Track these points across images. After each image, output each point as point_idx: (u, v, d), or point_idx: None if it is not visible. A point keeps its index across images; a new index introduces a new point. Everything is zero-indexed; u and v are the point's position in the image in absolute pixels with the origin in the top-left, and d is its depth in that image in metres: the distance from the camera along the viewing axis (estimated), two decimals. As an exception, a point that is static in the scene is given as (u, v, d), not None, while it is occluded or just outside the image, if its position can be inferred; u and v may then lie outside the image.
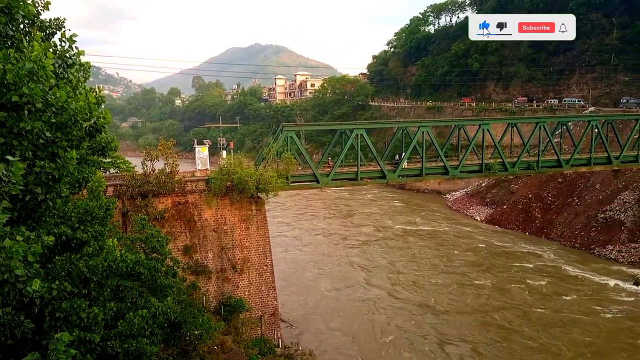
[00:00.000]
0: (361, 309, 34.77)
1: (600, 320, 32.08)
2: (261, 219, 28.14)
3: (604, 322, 31.80)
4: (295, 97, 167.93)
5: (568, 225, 52.08)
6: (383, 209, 69.81)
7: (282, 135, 29.15)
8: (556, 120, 40.78)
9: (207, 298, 26.12)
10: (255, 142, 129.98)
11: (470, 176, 38.98)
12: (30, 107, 6.01)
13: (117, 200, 23.72)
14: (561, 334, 30.23)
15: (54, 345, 5.44)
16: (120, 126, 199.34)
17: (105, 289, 10.21)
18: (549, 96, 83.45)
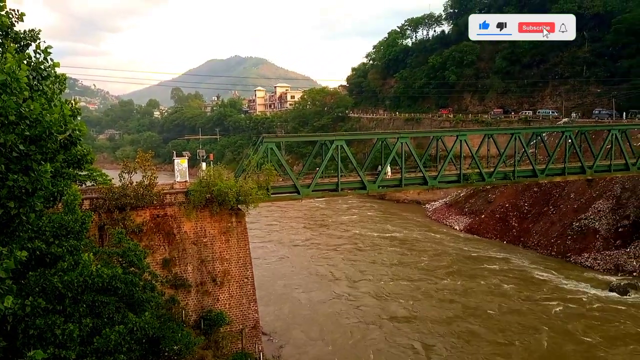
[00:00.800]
0: (339, 318, 35.01)
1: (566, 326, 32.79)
2: (241, 231, 27.94)
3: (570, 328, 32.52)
4: (275, 109, 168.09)
5: (544, 234, 53.03)
6: (362, 219, 70.11)
7: (263, 147, 29.11)
8: (531, 131, 41.72)
9: (187, 312, 25.71)
10: (235, 153, 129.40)
11: (449, 186, 39.47)
12: (3, 119, 5.90)
13: (94, 213, 23.27)
14: (527, 339, 30.83)
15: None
16: (97, 138, 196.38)
17: (80, 304, 9.98)
18: (524, 108, 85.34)
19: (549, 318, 34.20)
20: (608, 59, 75.95)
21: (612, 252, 46.02)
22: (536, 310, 35.65)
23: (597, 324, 33.14)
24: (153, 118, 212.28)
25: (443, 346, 30.42)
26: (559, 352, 29.45)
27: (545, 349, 29.78)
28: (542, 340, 30.87)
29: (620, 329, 32.39)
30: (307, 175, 35.31)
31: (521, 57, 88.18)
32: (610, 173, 40.54)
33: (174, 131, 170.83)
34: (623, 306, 35.87)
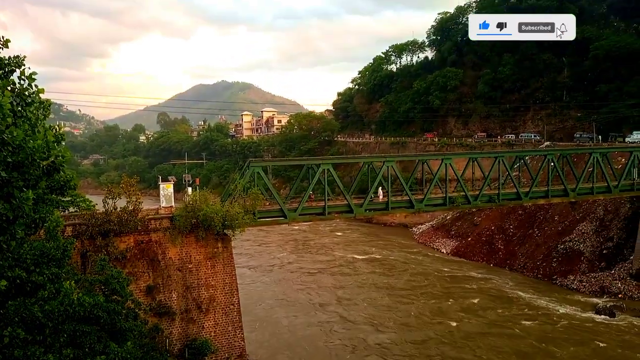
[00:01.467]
0: (324, 343, 34.69)
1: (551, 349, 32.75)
2: (228, 257, 27.64)
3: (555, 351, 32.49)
4: (262, 133, 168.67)
5: (530, 256, 53.33)
6: (348, 243, 69.85)
7: (249, 171, 29.09)
8: (514, 154, 42.39)
9: (171, 341, 25.15)
10: (222, 178, 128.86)
11: (435, 209, 39.70)
12: (-15, 146, 5.83)
13: (76, 240, 22.86)
14: None
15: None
16: (82, 163, 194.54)
17: (61, 334, 9.71)
18: (507, 131, 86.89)
19: (534, 341, 34.12)
20: (587, 84, 78.05)
21: (597, 274, 46.36)
22: (521, 333, 35.60)
23: (583, 347, 33.11)
24: (139, 143, 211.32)
25: None
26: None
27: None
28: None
29: (606, 350, 32.40)
30: (294, 199, 35.27)
31: (502, 82, 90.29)
32: (592, 195, 41.18)
33: (159, 156, 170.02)
34: (609, 328, 35.99)
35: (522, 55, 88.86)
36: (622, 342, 33.57)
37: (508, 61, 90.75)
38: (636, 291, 42.75)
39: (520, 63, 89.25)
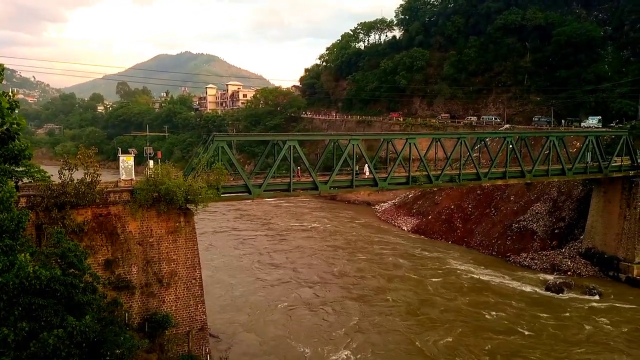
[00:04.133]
0: (284, 317, 35.64)
1: (499, 322, 34.51)
2: (190, 231, 27.32)
3: (501, 324, 34.31)
4: (227, 107, 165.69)
5: (486, 235, 55.32)
6: (312, 220, 70.36)
7: (213, 145, 28.60)
8: (475, 136, 43.39)
9: (130, 315, 24.84)
10: (185, 152, 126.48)
11: (398, 188, 40.38)
12: None
13: (31, 212, 22.03)
14: (454, 333, 32.15)
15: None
16: (36, 133, 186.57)
17: (16, 307, 9.44)
18: (469, 113, 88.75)
19: (482, 315, 35.69)
20: (548, 69, 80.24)
21: (548, 252, 48.67)
22: (470, 307, 37.17)
23: (530, 320, 34.89)
24: (97, 113, 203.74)
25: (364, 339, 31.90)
26: (486, 346, 30.75)
27: (472, 343, 31.06)
28: (467, 334, 32.29)
29: (550, 324, 34.26)
30: (259, 175, 35.04)
31: (467, 65, 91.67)
32: (548, 177, 42.82)
33: (119, 127, 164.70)
34: (557, 303, 38.03)
35: (487, 38, 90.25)
36: (564, 317, 35.50)
37: (474, 44, 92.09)
38: (584, 269, 45.22)
39: (485, 46, 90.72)
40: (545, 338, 32.12)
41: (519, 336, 32.41)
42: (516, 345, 31.12)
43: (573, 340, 32.01)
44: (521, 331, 33.10)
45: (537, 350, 30.44)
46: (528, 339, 31.92)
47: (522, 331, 33.09)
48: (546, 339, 31.94)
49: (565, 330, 33.28)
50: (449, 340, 31.64)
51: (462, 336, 32.37)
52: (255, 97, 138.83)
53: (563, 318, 35.41)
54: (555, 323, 34.46)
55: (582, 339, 32.26)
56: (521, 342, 31.46)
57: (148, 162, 29.93)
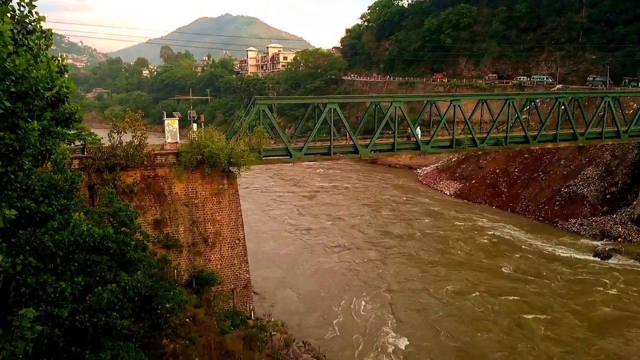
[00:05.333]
0: (327, 278, 36.51)
1: (547, 287, 33.81)
2: (233, 193, 27.95)
3: (548, 289, 33.64)
4: (267, 70, 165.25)
5: (533, 199, 53.72)
6: (352, 184, 70.41)
7: (254, 109, 28.74)
8: (525, 97, 41.52)
9: (179, 271, 26.00)
10: (227, 115, 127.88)
11: (441, 151, 39.53)
12: (-13, 74, 5.70)
13: (83, 173, 23.07)
14: (498, 298, 31.71)
15: (17, 321, 5.30)
16: (85, 97, 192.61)
17: (72, 263, 10.00)
18: (519, 73, 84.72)
19: (529, 279, 35.13)
20: (605, 25, 75.03)
21: (598, 218, 46.86)
22: (517, 271, 36.67)
23: (578, 286, 34.08)
24: (142, 77, 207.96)
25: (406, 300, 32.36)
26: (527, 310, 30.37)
27: (513, 307, 30.73)
28: (510, 296, 31.88)
29: (598, 290, 33.38)
30: (300, 138, 35.08)
31: (518, 21, 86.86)
32: (601, 140, 40.73)
33: (163, 91, 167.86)
34: (603, 270, 36.88)
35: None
36: (611, 284, 34.43)
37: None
38: (636, 235, 43.36)
39: (537, 1, 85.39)
40: (590, 304, 31.42)
41: (561, 299, 31.83)
42: (557, 308, 30.61)
43: (618, 305, 31.20)
44: (564, 296, 32.46)
45: (583, 315, 29.86)
46: (571, 304, 31.30)
47: (564, 296, 32.45)
48: (590, 305, 31.26)
49: (612, 297, 32.39)
50: (485, 303, 31.49)
51: (490, 294, 32.34)
52: (296, 60, 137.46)
53: (610, 285, 34.39)
54: (602, 290, 33.57)
55: (629, 305, 31.34)
56: (563, 308, 30.89)
57: (192, 125, 30.50)
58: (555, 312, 30.40)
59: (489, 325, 28.95)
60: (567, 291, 33.38)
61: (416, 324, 29.50)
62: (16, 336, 5.18)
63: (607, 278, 35.32)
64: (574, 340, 27.23)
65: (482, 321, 29.54)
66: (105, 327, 9.79)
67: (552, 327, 28.42)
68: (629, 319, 29.66)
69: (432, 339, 27.63)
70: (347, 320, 29.92)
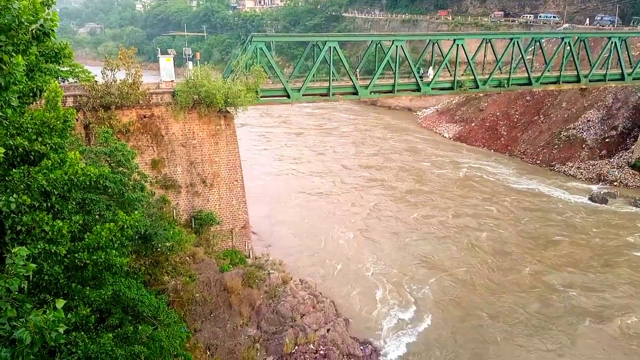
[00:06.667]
0: (323, 217, 37.43)
1: (538, 229, 34.76)
2: (231, 134, 27.71)
3: (540, 231, 34.54)
4: (265, 6, 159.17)
5: (531, 143, 53.60)
6: (350, 125, 69.91)
7: (251, 47, 27.88)
8: (530, 36, 40.19)
9: (178, 211, 26.28)
10: (224, 53, 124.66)
11: (442, 93, 38.84)
12: (-36, 5, 5.38)
13: (78, 111, 22.70)
14: (492, 239, 32.52)
15: (10, 260, 5.34)
16: (78, 32, 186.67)
17: (70, 202, 9.99)
18: (525, 11, 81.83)
19: (521, 222, 35.79)
20: (618, -40, 71.49)
21: (596, 161, 46.99)
22: (510, 213, 37.32)
23: (570, 229, 34.75)
24: (135, 11, 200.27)
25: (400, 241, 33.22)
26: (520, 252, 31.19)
27: (508, 249, 31.53)
28: (507, 239, 32.63)
29: (589, 234, 34.12)
30: (298, 78, 34.32)
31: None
32: (605, 82, 39.99)
33: (158, 26, 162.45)
34: (599, 214, 37.44)
35: None
36: (604, 225, 35.18)
37: None
38: (632, 179, 43.69)
39: None
40: (583, 244, 32.23)
41: (553, 242, 32.61)
42: (550, 248, 31.39)
43: (608, 246, 32.02)
44: (557, 237, 33.21)
45: (574, 255, 30.66)
46: (562, 245, 32.06)
47: (557, 237, 33.20)
48: (584, 245, 32.08)
49: (604, 238, 33.15)
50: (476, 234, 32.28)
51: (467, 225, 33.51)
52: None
53: (603, 225, 35.10)
54: (596, 230, 34.35)
55: (620, 245, 32.13)
56: (555, 249, 31.66)
57: (187, 63, 29.72)
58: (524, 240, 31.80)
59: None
60: (544, 224, 34.51)
61: (398, 256, 31.27)
62: (11, 274, 5.24)
63: (594, 219, 35.99)
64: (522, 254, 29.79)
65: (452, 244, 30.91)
66: (105, 264, 9.94)
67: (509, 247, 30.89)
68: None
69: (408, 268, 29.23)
70: (336, 254, 31.41)
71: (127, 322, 11.78)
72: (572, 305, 25.60)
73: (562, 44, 35.90)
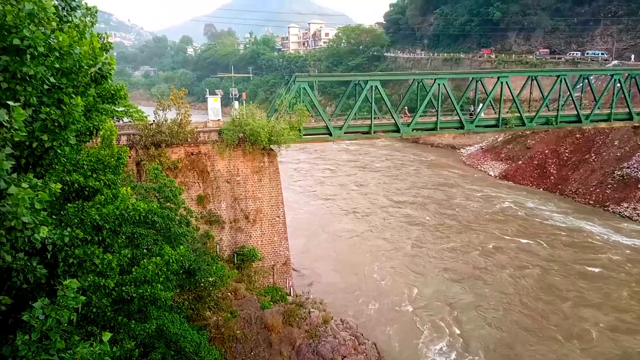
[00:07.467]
0: (367, 257, 36.49)
1: (597, 276, 32.54)
2: (274, 171, 28.16)
3: (600, 278, 32.31)
4: (308, 47, 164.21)
5: (583, 182, 51.44)
6: (393, 163, 69.59)
7: (295, 86, 28.63)
8: (578, 73, 39.35)
9: (221, 247, 26.63)
10: (268, 93, 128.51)
11: (486, 130, 38.22)
12: (33, 51, 5.81)
13: (130, 149, 23.78)
14: (552, 286, 30.70)
15: (62, 292, 5.52)
16: (133, 75, 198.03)
17: (119, 236, 10.33)
18: (572, 48, 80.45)
19: (578, 266, 33.88)
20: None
21: (654, 202, 44.43)
22: (557, 252, 35.53)
23: (631, 275, 32.60)
24: (187, 55, 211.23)
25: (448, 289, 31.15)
26: (579, 297, 29.33)
27: (562, 287, 29.73)
28: (554, 277, 30.82)
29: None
30: (340, 116, 34.79)
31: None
32: (660, 120, 38.27)
33: (207, 69, 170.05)
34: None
35: (599, -40, 79.67)
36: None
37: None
38: (695, 222, 40.91)
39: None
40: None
41: (605, 288, 30.60)
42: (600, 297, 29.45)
43: None
44: (612, 285, 31.16)
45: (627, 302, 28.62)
46: (619, 292, 30.02)
47: (613, 286, 31.15)
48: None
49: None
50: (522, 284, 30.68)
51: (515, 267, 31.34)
52: (337, 36, 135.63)
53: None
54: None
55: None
56: (608, 299, 29.68)
57: (233, 103, 30.81)
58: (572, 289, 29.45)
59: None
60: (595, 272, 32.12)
61: (441, 294, 29.83)
62: (61, 305, 5.40)
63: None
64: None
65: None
66: (150, 297, 10.11)
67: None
68: None
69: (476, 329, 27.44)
70: (375, 292, 30.63)
71: (170, 358, 11.82)
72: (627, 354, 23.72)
73: (611, 80, 34.86)
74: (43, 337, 5.41)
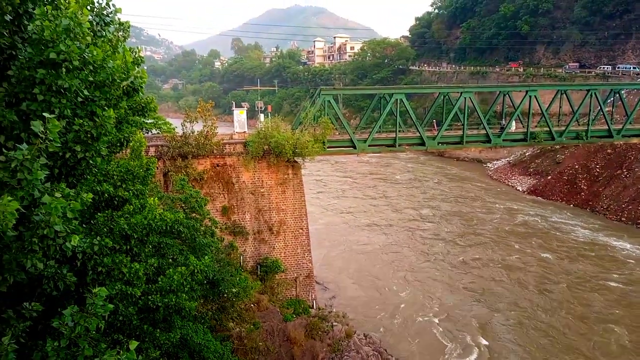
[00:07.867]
0: (389, 270, 36.05)
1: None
2: (297, 183, 28.27)
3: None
4: (334, 61, 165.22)
5: (615, 199, 49.95)
6: (417, 177, 68.99)
7: (320, 99, 28.81)
8: (609, 87, 38.46)
9: (244, 258, 26.76)
10: (293, 105, 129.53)
11: (514, 145, 37.62)
12: (68, 64, 6.03)
13: (158, 160, 24.26)
14: (590, 305, 29.64)
15: (91, 299, 5.63)
16: (162, 88, 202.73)
17: (147, 245, 10.49)
18: (602, 62, 78.77)
19: (600, 281, 32.76)
20: None
21: (691, 220, 42.79)
22: (601, 276, 34.29)
23: None
24: (214, 68, 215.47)
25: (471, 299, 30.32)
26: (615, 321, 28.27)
27: (598, 316, 28.71)
28: (594, 303, 29.78)
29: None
30: (364, 129, 34.79)
31: (603, 6, 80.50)
32: (697, 135, 36.98)
33: (233, 82, 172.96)
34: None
35: (630, -28, 78.11)
36: None
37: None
38: None
39: (626, -18, 78.73)
40: None
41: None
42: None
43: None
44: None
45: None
46: None
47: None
48: None
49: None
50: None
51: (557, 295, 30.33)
52: (362, 50, 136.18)
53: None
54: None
55: None
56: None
57: (259, 115, 31.17)
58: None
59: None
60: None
61: (466, 308, 29.08)
62: (90, 313, 5.50)
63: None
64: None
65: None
66: (175, 307, 10.22)
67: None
68: None
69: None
70: (399, 306, 30.23)
71: (192, 368, 11.88)
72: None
73: (646, 94, 33.96)
74: (72, 344, 5.52)
